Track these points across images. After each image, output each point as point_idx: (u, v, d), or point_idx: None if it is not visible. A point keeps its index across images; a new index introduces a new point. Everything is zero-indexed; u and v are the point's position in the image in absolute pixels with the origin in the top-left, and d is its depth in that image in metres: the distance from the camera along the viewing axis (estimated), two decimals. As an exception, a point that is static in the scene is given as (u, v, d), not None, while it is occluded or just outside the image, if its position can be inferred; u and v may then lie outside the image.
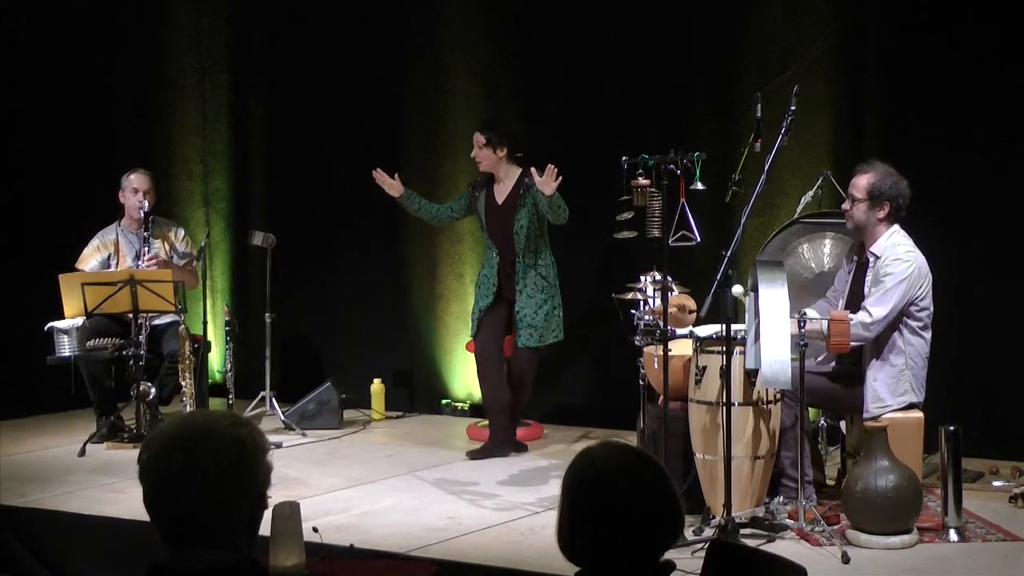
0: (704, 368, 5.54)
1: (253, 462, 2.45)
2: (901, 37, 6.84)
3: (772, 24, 7.17)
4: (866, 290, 5.68)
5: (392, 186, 7.08)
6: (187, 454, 2.41)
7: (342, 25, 8.53)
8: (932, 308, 5.69)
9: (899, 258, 5.60)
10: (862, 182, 5.69)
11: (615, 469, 2.54)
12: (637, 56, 7.58)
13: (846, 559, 4.98)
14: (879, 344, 5.64)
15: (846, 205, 5.76)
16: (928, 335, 5.69)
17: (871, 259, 5.71)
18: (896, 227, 5.71)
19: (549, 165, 6.56)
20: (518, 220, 6.91)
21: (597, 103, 7.71)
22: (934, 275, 5.70)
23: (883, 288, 5.57)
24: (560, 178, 6.53)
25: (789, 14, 7.13)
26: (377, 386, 8.17)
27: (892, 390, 5.63)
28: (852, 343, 5.51)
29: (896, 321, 5.61)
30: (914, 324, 5.64)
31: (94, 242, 7.65)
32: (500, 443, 7.04)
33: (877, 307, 5.55)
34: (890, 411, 5.59)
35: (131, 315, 7.13)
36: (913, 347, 5.65)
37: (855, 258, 5.89)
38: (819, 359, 5.90)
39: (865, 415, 5.62)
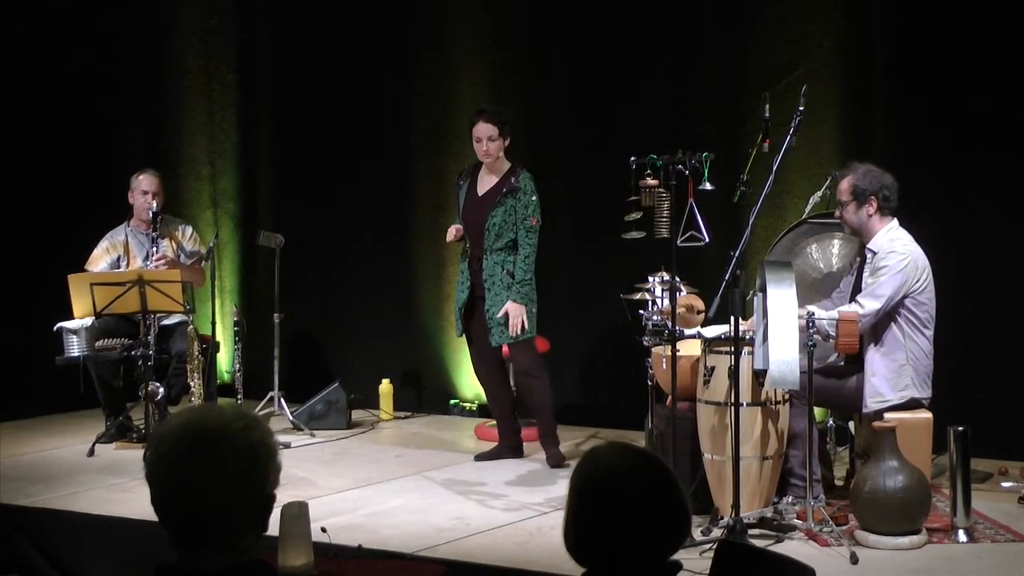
0: (712, 368, 5.54)
1: (263, 465, 2.44)
2: (908, 36, 6.84)
3: (780, 24, 7.16)
4: (863, 285, 5.68)
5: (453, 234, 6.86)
6: (197, 456, 2.39)
7: (349, 25, 8.53)
8: (934, 304, 5.67)
9: (894, 251, 5.61)
10: (844, 186, 5.73)
11: (623, 470, 2.54)
12: (645, 56, 7.57)
13: (854, 560, 4.98)
14: (879, 339, 5.63)
15: (838, 212, 5.78)
16: (929, 332, 5.66)
17: (869, 255, 5.71)
18: (894, 223, 5.70)
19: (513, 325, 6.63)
20: (492, 217, 6.69)
21: (605, 103, 7.70)
22: (940, 275, 5.69)
23: (876, 282, 5.57)
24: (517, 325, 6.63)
25: (797, 14, 7.12)
26: (385, 386, 8.18)
27: (892, 385, 5.61)
28: None
29: (894, 315, 5.59)
30: (914, 320, 5.63)
31: (103, 243, 7.64)
32: (509, 447, 7.01)
33: (867, 299, 5.56)
34: (890, 406, 5.58)
35: (140, 315, 7.14)
36: (915, 343, 5.63)
37: (858, 258, 5.89)
38: (829, 360, 5.88)
39: (864, 410, 5.61)
